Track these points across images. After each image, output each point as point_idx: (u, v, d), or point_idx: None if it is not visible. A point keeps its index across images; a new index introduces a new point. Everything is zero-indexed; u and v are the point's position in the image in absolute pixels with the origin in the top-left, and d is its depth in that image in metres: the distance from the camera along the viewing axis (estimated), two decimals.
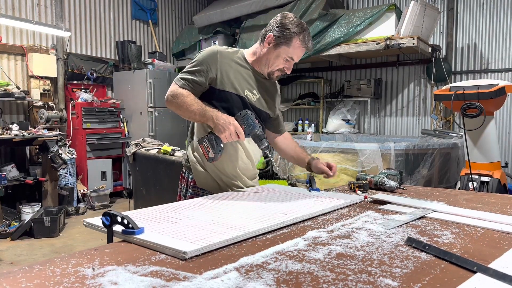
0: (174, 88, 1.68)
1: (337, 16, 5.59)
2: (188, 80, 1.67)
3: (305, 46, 1.70)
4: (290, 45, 1.67)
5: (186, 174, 1.87)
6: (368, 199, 1.63)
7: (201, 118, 1.61)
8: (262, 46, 1.72)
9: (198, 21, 6.88)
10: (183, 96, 1.63)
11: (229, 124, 1.55)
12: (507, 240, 1.10)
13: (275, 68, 1.74)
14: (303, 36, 1.67)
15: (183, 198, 1.86)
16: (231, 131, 1.55)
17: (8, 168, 4.69)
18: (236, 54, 1.77)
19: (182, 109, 1.64)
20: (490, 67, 5.72)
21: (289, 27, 1.65)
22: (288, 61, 1.72)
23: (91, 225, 1.18)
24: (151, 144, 4.60)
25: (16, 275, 0.82)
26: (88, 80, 6.03)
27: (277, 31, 1.67)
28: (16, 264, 3.46)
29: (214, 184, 1.78)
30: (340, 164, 4.20)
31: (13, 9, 5.11)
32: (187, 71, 1.70)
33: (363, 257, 0.95)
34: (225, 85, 1.69)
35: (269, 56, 1.71)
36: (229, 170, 1.76)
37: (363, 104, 6.58)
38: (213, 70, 1.68)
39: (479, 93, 3.25)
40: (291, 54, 1.70)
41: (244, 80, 1.74)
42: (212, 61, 1.68)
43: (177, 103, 1.64)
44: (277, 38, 1.67)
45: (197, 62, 1.69)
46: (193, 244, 0.98)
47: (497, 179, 3.42)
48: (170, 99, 1.67)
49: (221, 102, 1.68)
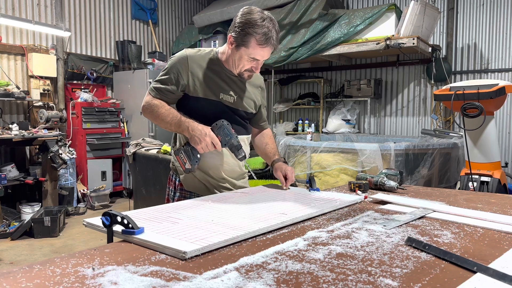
0: (148, 99, 1.66)
1: (337, 16, 5.59)
2: (161, 89, 1.64)
3: (265, 45, 1.57)
4: (249, 46, 1.57)
5: (174, 177, 1.85)
6: (368, 199, 1.63)
7: (177, 129, 1.60)
8: (227, 47, 1.65)
9: (198, 21, 6.89)
10: (157, 107, 1.61)
11: (205, 135, 1.53)
12: (507, 240, 1.10)
13: (242, 69, 1.66)
14: (261, 35, 1.54)
15: (171, 200, 1.83)
16: (207, 142, 1.53)
17: (8, 168, 4.69)
18: (209, 55, 1.70)
19: (157, 120, 1.63)
20: (490, 67, 5.72)
21: (245, 27, 1.54)
22: (253, 61, 1.63)
23: (91, 225, 1.18)
24: (151, 144, 4.60)
25: (16, 275, 0.82)
26: (88, 80, 6.03)
27: (235, 31, 1.58)
28: (16, 264, 3.46)
29: (201, 186, 1.76)
30: (340, 164, 4.20)
31: (13, 9, 5.11)
32: (158, 80, 1.67)
33: (363, 257, 0.95)
34: (198, 92, 1.65)
35: (234, 57, 1.63)
36: (214, 174, 1.74)
37: (363, 104, 6.58)
38: (184, 77, 1.64)
39: (479, 93, 3.25)
40: (252, 54, 1.59)
41: (218, 83, 1.68)
42: (182, 68, 1.64)
43: (152, 114, 1.63)
44: (236, 39, 1.58)
45: (167, 70, 1.66)
46: (193, 244, 0.98)
47: (497, 179, 3.42)
48: (145, 110, 1.66)
49: (196, 109, 1.65)
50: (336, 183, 4.21)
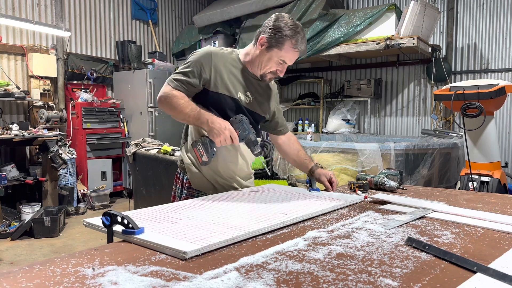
0: (167, 89, 1.64)
1: (337, 16, 5.59)
2: (182, 81, 1.64)
3: (297, 49, 1.65)
4: (282, 48, 1.63)
5: (181, 175, 1.86)
6: (368, 199, 1.63)
7: (196, 121, 1.59)
8: (256, 48, 1.69)
9: (198, 21, 6.88)
10: (177, 98, 1.61)
11: (224, 128, 1.54)
12: (507, 240, 1.10)
13: (268, 71, 1.70)
14: (296, 39, 1.62)
15: (177, 198, 1.84)
16: (226, 136, 1.54)
17: (8, 168, 4.69)
18: (231, 55, 1.74)
19: (175, 111, 1.61)
20: (490, 67, 5.72)
21: (282, 29, 1.61)
22: (281, 64, 1.68)
23: (91, 225, 1.18)
24: (151, 144, 4.60)
25: (16, 275, 0.82)
26: (88, 80, 6.03)
27: (269, 33, 1.63)
28: (16, 264, 3.46)
29: (209, 185, 1.78)
30: (340, 164, 4.20)
31: (13, 9, 5.11)
32: (180, 72, 1.67)
33: (363, 257, 0.95)
34: (219, 87, 1.67)
35: (262, 58, 1.67)
36: (224, 172, 1.76)
37: (363, 104, 6.58)
38: (206, 72, 1.65)
39: (479, 93, 3.25)
40: (283, 57, 1.65)
41: (238, 82, 1.72)
42: (205, 62, 1.66)
43: (171, 105, 1.62)
44: (270, 40, 1.63)
45: (190, 63, 1.67)
46: (193, 244, 0.98)
47: (497, 179, 3.42)
48: (163, 100, 1.64)
49: (214, 104, 1.66)
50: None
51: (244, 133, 1.59)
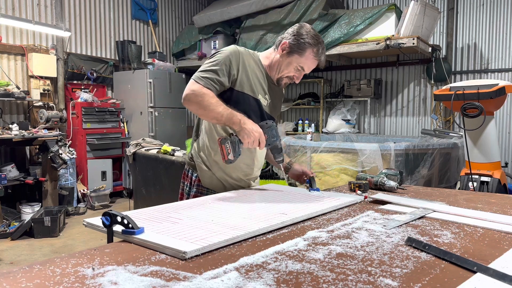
0: (196, 87, 1.58)
1: (337, 16, 5.59)
2: (212, 79, 1.60)
3: (317, 58, 1.70)
4: (303, 55, 1.67)
5: (190, 172, 1.85)
6: (368, 199, 1.63)
7: (227, 121, 1.56)
8: (276, 52, 1.73)
9: (198, 21, 6.89)
10: (208, 97, 1.56)
11: (255, 131, 1.54)
12: (507, 240, 1.10)
13: (285, 75, 1.74)
14: (318, 48, 1.68)
15: (186, 196, 1.85)
16: (255, 139, 1.54)
17: (8, 168, 4.69)
18: (253, 56, 1.76)
19: (206, 110, 1.56)
20: (490, 67, 5.72)
21: (304, 37, 1.66)
22: (299, 70, 1.72)
23: (91, 225, 1.18)
24: (151, 144, 4.60)
25: (16, 275, 0.82)
26: (88, 80, 6.03)
27: (292, 39, 1.67)
28: (16, 264, 3.46)
29: (219, 184, 1.78)
30: (340, 164, 4.20)
31: (13, 9, 5.11)
32: (209, 70, 1.62)
33: (363, 257, 0.95)
34: (244, 87, 1.68)
35: (281, 62, 1.71)
36: (235, 173, 1.77)
37: (363, 104, 6.58)
38: (234, 70, 1.65)
39: (479, 93, 3.25)
40: (302, 64, 1.70)
41: (259, 84, 1.74)
42: (234, 61, 1.66)
43: (201, 104, 1.56)
44: (292, 46, 1.67)
45: (219, 61, 1.63)
46: (193, 244, 0.98)
47: (497, 179, 3.42)
48: (193, 98, 1.57)
49: (237, 104, 1.64)
50: (336, 183, 4.21)
51: (272, 139, 1.60)
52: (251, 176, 1.86)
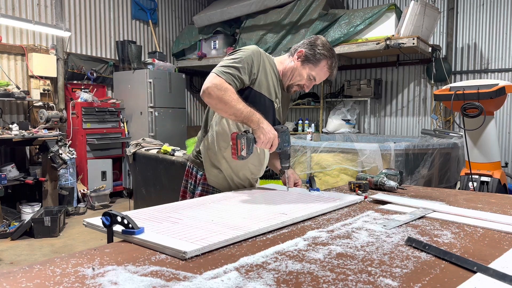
0: (218, 81, 1.55)
1: (337, 16, 5.59)
2: (234, 75, 1.59)
3: (330, 71, 1.74)
4: (318, 65, 1.71)
5: (195, 170, 1.85)
6: (368, 199, 1.63)
7: (245, 118, 1.54)
8: (291, 59, 1.76)
9: (198, 21, 6.89)
10: (230, 92, 1.54)
11: (271, 133, 1.55)
12: (507, 240, 1.10)
13: (296, 83, 1.77)
14: (332, 61, 1.72)
15: (190, 194, 1.84)
16: (270, 140, 1.54)
17: (8, 168, 4.69)
18: (269, 59, 1.78)
19: (227, 105, 1.53)
20: (490, 67, 5.72)
21: (320, 48, 1.70)
22: (310, 80, 1.75)
23: (91, 225, 1.18)
24: (151, 144, 4.60)
25: (16, 275, 0.82)
26: (88, 80, 6.03)
27: (309, 49, 1.71)
28: (16, 264, 3.46)
29: (224, 183, 1.78)
30: (340, 164, 4.20)
31: (13, 9, 5.11)
32: (231, 66, 1.60)
33: (363, 257, 0.95)
34: (262, 88, 1.69)
35: (295, 70, 1.74)
36: (242, 173, 1.78)
37: (363, 104, 6.58)
38: (255, 69, 1.66)
39: (479, 93, 3.25)
40: (315, 74, 1.73)
41: (273, 87, 1.75)
42: (256, 60, 1.67)
43: (222, 98, 1.52)
44: (307, 55, 1.71)
45: (241, 59, 1.63)
46: (193, 244, 0.98)
47: (497, 179, 3.42)
48: (215, 91, 1.53)
49: (254, 104, 1.62)
50: (336, 183, 4.21)
51: (284, 144, 1.61)
52: (256, 177, 1.87)
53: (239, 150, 1.52)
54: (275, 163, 1.97)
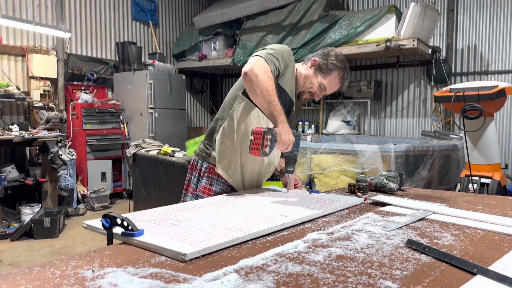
0: (267, 68, 1.54)
1: (337, 18, 5.60)
2: (275, 66, 1.60)
3: (341, 82, 1.77)
4: (329, 75, 1.74)
5: (199, 163, 1.82)
6: (368, 201, 1.63)
7: (275, 113, 1.52)
8: (305, 67, 1.79)
9: (199, 22, 6.89)
10: (272, 81, 1.54)
11: (292, 136, 1.56)
12: (507, 242, 1.09)
13: (307, 90, 1.78)
14: (344, 73, 1.75)
15: (193, 187, 1.82)
16: (288, 142, 1.54)
17: (8, 169, 4.69)
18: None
19: (263, 93, 1.50)
20: (490, 69, 5.72)
21: (333, 59, 1.73)
22: (321, 89, 1.77)
23: (91, 227, 1.18)
24: (151, 145, 4.60)
25: (16, 277, 0.82)
26: (88, 81, 6.03)
27: (322, 58, 1.74)
28: (15, 265, 3.46)
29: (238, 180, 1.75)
30: (340, 166, 4.20)
31: (14, 10, 5.11)
32: (273, 54, 1.61)
33: (363, 259, 0.95)
34: (286, 85, 1.71)
35: (307, 77, 1.76)
36: (254, 171, 1.79)
37: (363, 105, 6.58)
38: (285, 65, 1.68)
39: (479, 95, 3.25)
40: (326, 83, 1.75)
41: (293, 90, 1.77)
42: (289, 58, 1.70)
43: (263, 84, 1.50)
44: (320, 64, 1.74)
45: (278, 52, 1.64)
46: (193, 246, 0.98)
47: (497, 180, 3.42)
48: (262, 76, 1.50)
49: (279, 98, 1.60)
50: (336, 185, 4.21)
51: (295, 148, 1.61)
52: (265, 178, 1.90)
53: (264, 146, 1.46)
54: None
